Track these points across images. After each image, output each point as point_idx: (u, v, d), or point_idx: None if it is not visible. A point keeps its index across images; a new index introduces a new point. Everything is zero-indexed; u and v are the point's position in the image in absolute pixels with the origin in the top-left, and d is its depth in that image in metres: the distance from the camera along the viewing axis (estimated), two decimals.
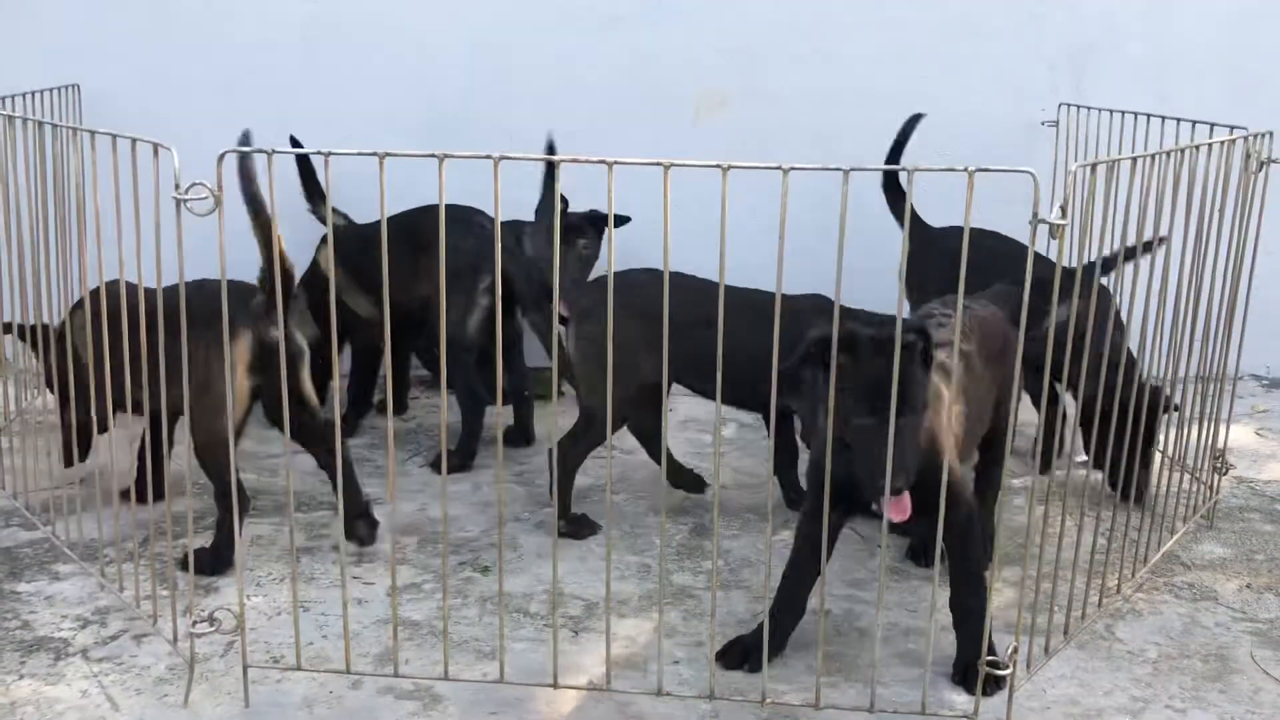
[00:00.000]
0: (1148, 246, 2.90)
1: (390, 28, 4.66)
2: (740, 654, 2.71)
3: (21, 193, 3.32)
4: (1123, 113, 4.11)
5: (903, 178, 2.33)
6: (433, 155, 2.31)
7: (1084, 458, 3.62)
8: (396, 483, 2.90)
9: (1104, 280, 3.32)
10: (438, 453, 3.95)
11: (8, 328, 3.54)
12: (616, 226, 3.92)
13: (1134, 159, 2.66)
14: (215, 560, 3.11)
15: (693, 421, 4.35)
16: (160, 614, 2.82)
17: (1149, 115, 3.91)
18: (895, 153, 4.11)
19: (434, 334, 3.82)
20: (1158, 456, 3.53)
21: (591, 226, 4.15)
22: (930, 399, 2.50)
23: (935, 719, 2.53)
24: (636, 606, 3.05)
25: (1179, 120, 3.69)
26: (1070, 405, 3.70)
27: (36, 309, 3.34)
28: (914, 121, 4.16)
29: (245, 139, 2.78)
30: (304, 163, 4.09)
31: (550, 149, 3.40)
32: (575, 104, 4.62)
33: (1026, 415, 4.13)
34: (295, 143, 4.12)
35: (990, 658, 2.44)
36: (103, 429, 3.12)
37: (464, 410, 3.95)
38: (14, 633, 2.85)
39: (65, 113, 4.31)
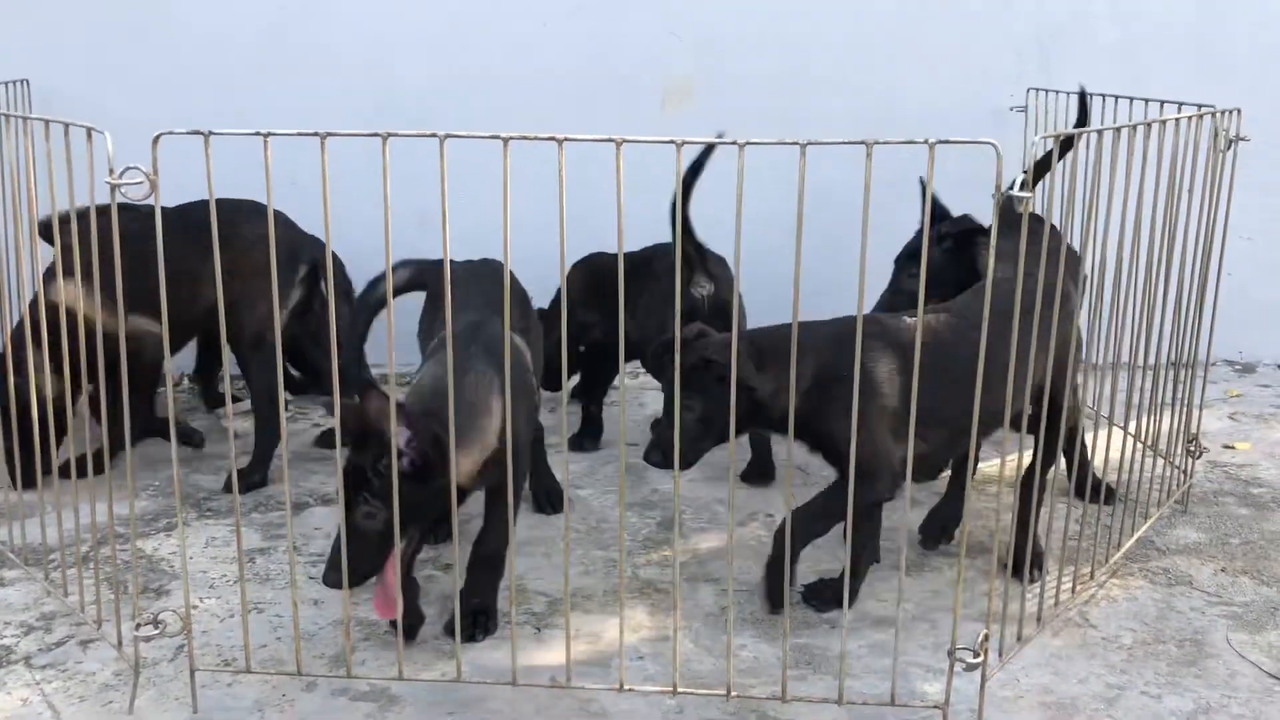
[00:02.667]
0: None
1: (347, 18, 4.57)
2: None
3: None
4: (1091, 95, 4.06)
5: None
6: (376, 134, 2.23)
7: None
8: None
9: None
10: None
11: None
12: None
13: (1099, 131, 2.60)
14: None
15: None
16: (106, 618, 2.72)
17: (1117, 97, 3.87)
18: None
19: (234, 340, 3.49)
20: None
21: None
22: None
23: (906, 709, 2.46)
24: (602, 602, 2.97)
25: (1147, 101, 3.64)
26: None
27: None
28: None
29: None
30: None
31: None
32: (538, 94, 4.55)
33: None
34: None
35: (962, 646, 2.37)
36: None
37: (260, 418, 3.60)
38: None
39: (13, 107, 4.20)
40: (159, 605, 2.88)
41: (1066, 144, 3.48)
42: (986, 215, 4.09)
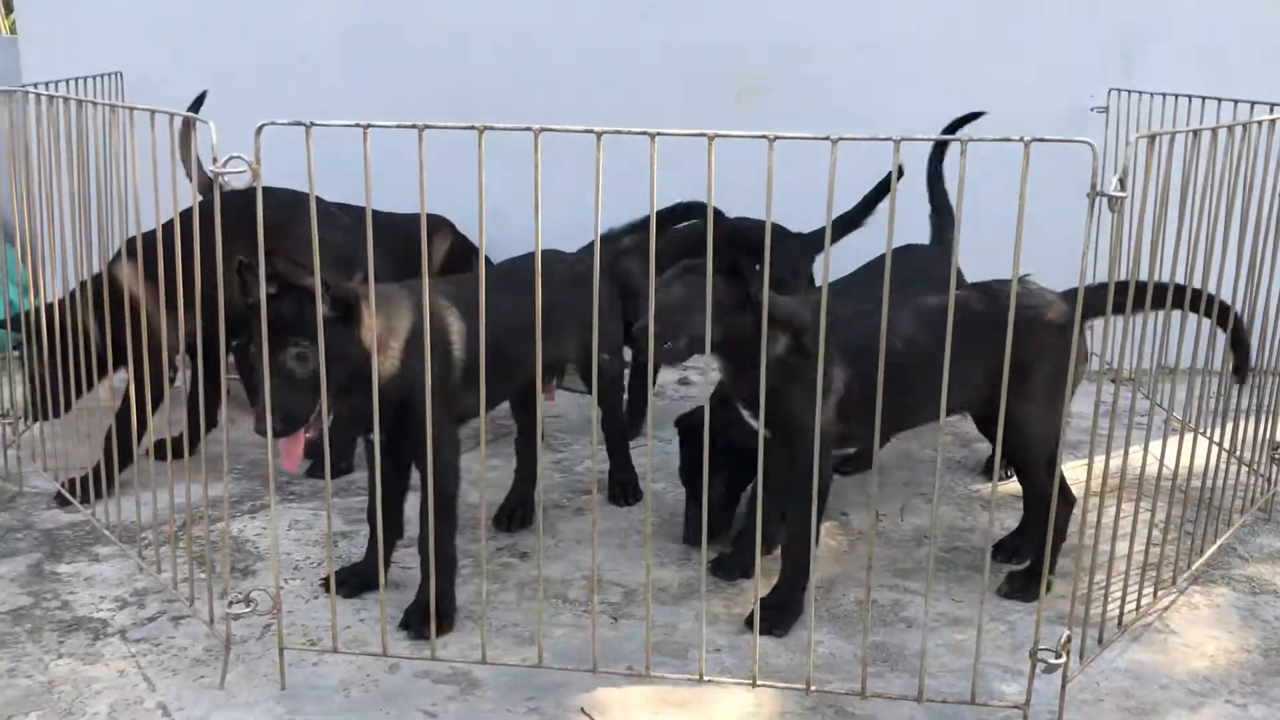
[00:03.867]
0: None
1: (430, 17, 4.64)
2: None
3: (62, 171, 3.30)
4: (1176, 96, 4.01)
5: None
6: (472, 127, 2.27)
7: None
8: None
9: None
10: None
11: None
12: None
13: (1194, 132, 2.57)
14: None
15: None
16: (197, 596, 2.80)
17: (1204, 98, 3.81)
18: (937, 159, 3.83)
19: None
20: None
21: None
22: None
23: (985, 709, 2.45)
24: (677, 594, 2.99)
25: (1236, 102, 3.59)
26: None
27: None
28: (965, 121, 3.88)
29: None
30: None
31: None
32: (613, 91, 4.57)
33: (1080, 407, 4.06)
34: None
35: (1043, 647, 2.35)
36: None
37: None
38: (53, 613, 2.84)
39: (107, 99, 4.32)
40: (246, 585, 2.95)
41: None
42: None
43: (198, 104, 3.38)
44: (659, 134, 2.25)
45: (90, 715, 2.44)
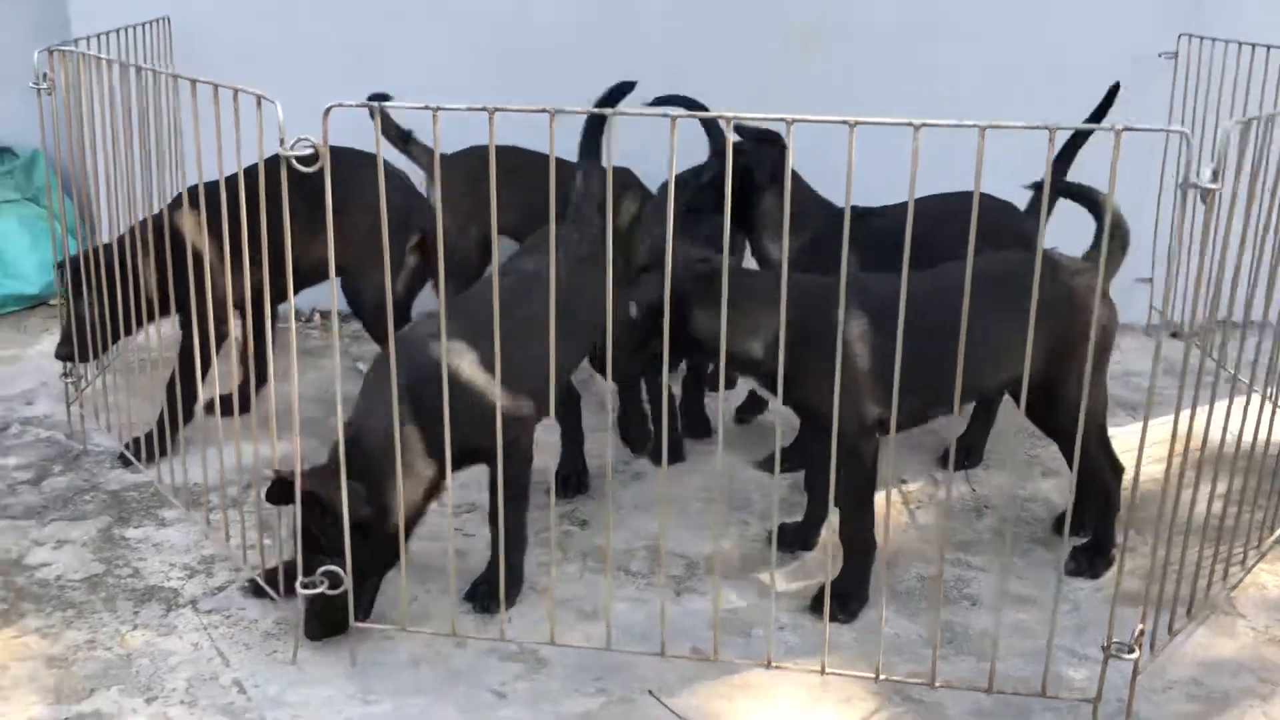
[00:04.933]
0: None
1: None
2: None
3: (118, 128, 3.27)
4: (1253, 45, 3.86)
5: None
6: (544, 110, 2.21)
7: None
8: None
9: None
10: None
11: None
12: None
13: None
14: None
15: None
16: (267, 565, 2.83)
17: None
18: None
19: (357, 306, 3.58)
20: None
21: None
22: None
23: (1055, 700, 2.45)
24: (738, 566, 2.99)
25: None
26: None
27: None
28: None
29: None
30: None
31: None
32: (659, 46, 4.37)
33: (1138, 365, 3.99)
34: None
35: (1117, 640, 2.34)
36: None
37: None
38: (126, 580, 2.89)
39: (156, 48, 4.26)
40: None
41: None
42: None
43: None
44: (735, 118, 2.19)
45: (169, 690, 2.49)
